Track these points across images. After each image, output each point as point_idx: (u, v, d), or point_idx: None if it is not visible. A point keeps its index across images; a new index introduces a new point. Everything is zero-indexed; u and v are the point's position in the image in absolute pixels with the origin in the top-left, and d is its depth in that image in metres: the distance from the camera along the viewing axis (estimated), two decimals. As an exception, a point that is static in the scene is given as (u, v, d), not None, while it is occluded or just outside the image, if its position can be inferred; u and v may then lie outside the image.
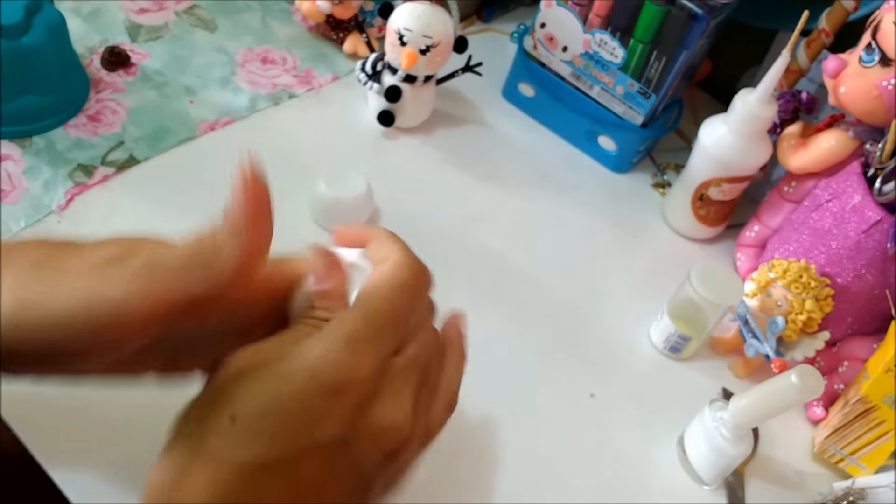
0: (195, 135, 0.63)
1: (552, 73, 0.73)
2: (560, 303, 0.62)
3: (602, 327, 0.62)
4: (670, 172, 0.76)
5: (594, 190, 0.72)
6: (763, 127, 0.63)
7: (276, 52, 0.72)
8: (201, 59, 0.69)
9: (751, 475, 0.56)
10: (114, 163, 0.59)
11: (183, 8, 0.73)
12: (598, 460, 0.54)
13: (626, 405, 0.57)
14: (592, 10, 0.67)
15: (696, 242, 0.71)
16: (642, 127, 0.71)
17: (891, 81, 0.55)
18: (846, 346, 0.62)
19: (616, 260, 0.67)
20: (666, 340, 0.60)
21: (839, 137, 0.61)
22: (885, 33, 0.55)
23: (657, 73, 0.67)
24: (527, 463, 0.52)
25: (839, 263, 0.59)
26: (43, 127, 0.59)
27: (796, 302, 0.57)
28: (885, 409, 0.53)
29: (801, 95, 0.66)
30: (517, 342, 0.59)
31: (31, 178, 0.56)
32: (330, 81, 0.72)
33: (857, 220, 0.58)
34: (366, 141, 0.69)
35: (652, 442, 0.56)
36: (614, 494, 0.52)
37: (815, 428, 0.60)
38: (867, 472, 0.56)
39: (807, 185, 0.64)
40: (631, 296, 0.65)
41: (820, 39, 0.66)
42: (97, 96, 0.63)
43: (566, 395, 0.57)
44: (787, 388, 0.47)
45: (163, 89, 0.65)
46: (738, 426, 0.51)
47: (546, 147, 0.74)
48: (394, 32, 0.64)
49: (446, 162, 0.69)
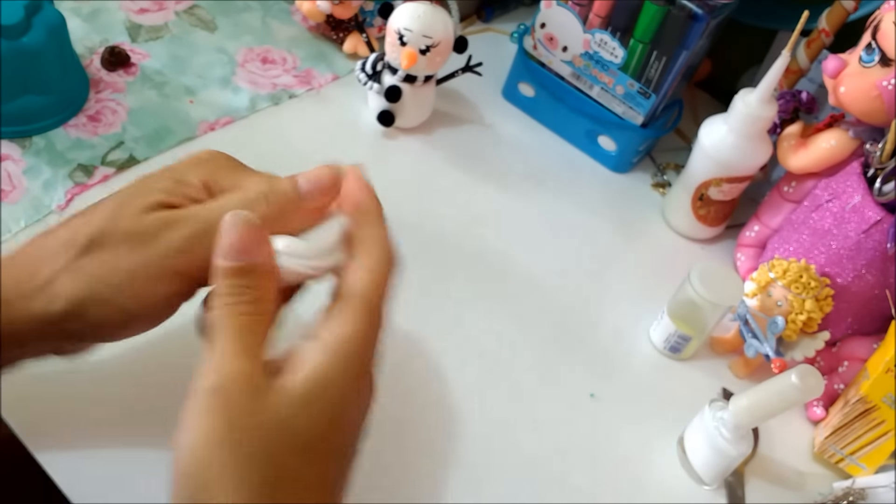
0: (195, 135, 0.63)
1: (552, 73, 0.73)
2: (560, 303, 0.62)
3: (602, 327, 0.62)
4: (670, 172, 0.76)
5: (594, 190, 0.72)
6: (763, 127, 0.63)
7: (276, 52, 0.72)
8: (201, 59, 0.69)
9: (751, 475, 0.56)
10: (114, 163, 0.59)
11: (183, 8, 0.73)
12: (598, 460, 0.54)
13: (626, 405, 0.57)
14: (592, 10, 0.67)
15: (696, 242, 0.71)
16: (642, 127, 0.71)
17: (891, 81, 0.55)
18: (846, 346, 0.62)
19: (616, 260, 0.67)
20: (666, 340, 0.60)
21: (839, 137, 0.61)
22: (884, 33, 0.55)
23: (657, 73, 0.67)
24: (526, 463, 0.52)
25: (839, 263, 0.59)
26: (43, 127, 0.59)
27: (796, 302, 0.57)
28: (885, 409, 0.53)
29: (801, 95, 0.66)
30: (517, 342, 0.59)
31: (31, 178, 0.56)
32: (330, 81, 0.72)
33: (857, 220, 0.58)
34: (366, 141, 0.69)
35: (652, 442, 0.56)
36: (614, 494, 0.52)
37: (815, 428, 0.60)
38: (867, 472, 0.56)
39: (807, 185, 0.64)
40: (631, 296, 0.65)
41: (820, 39, 0.66)
42: (97, 96, 0.63)
43: (566, 395, 0.57)
44: (787, 388, 0.47)
45: (163, 89, 0.65)
46: (738, 426, 0.51)
47: (546, 147, 0.74)
48: (394, 32, 0.64)
49: (446, 162, 0.69)
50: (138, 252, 0.36)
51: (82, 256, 0.36)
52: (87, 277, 0.36)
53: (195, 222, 0.37)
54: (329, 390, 0.33)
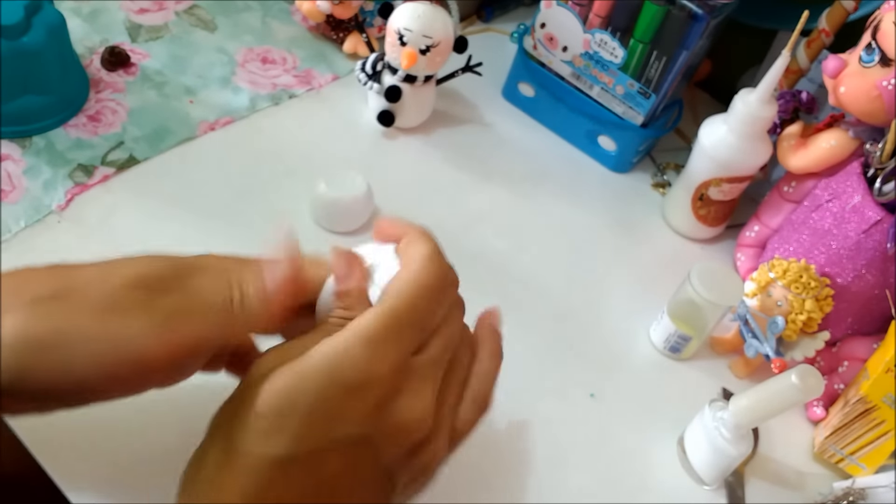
0: (195, 135, 0.63)
1: (552, 73, 0.73)
2: (560, 303, 0.62)
3: (602, 327, 0.62)
4: (670, 172, 0.76)
5: (594, 190, 0.72)
6: (763, 127, 0.63)
7: (276, 52, 0.72)
8: (201, 59, 0.69)
9: (751, 475, 0.56)
10: (114, 163, 0.59)
11: (183, 8, 0.73)
12: (598, 460, 0.54)
13: (626, 405, 0.57)
14: (592, 10, 0.67)
15: (696, 242, 0.71)
16: (642, 127, 0.71)
17: (891, 81, 0.55)
18: (846, 346, 0.62)
19: (616, 260, 0.67)
20: (666, 340, 0.60)
21: (839, 137, 0.61)
22: (885, 33, 0.55)
23: (657, 73, 0.67)
24: (526, 462, 0.52)
25: (839, 263, 0.59)
26: (43, 127, 0.59)
27: (796, 302, 0.57)
28: (885, 409, 0.53)
29: (801, 95, 0.66)
30: (517, 342, 0.58)
31: (31, 178, 0.56)
32: (330, 81, 0.72)
33: (857, 220, 0.58)
34: (366, 141, 0.69)
35: (652, 442, 0.56)
36: (614, 494, 0.52)
37: (815, 428, 0.60)
38: (867, 472, 0.56)
39: (807, 185, 0.64)
40: (631, 296, 0.65)
41: (820, 39, 0.66)
42: (97, 96, 0.63)
43: (566, 395, 0.57)
44: (787, 388, 0.47)
45: (163, 89, 0.65)
46: (738, 426, 0.51)
47: (546, 147, 0.74)
48: (394, 32, 0.64)
49: (446, 162, 0.69)
50: (108, 320, 0.33)
51: (48, 302, 0.33)
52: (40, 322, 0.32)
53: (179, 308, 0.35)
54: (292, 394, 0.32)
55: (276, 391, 0.32)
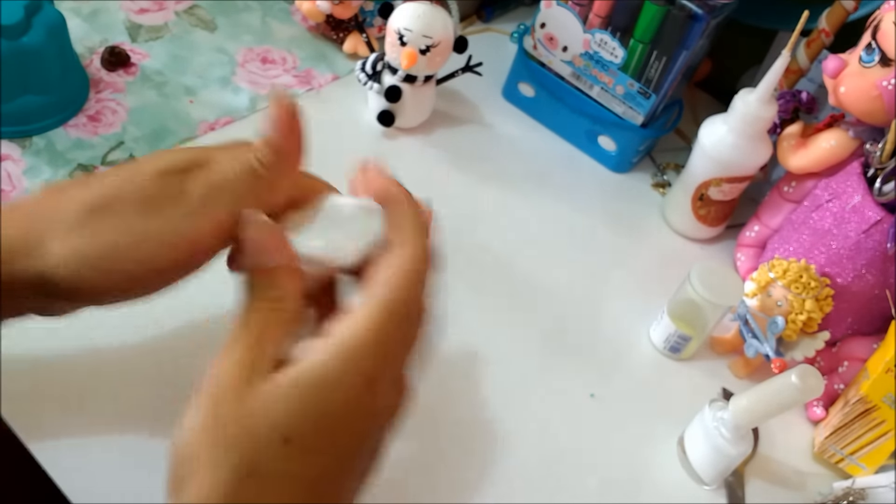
0: (195, 135, 0.63)
1: (552, 73, 0.73)
2: (560, 303, 0.62)
3: (602, 327, 0.62)
4: (670, 172, 0.76)
5: (594, 190, 0.72)
6: (763, 127, 0.63)
7: (276, 52, 0.72)
8: (201, 59, 0.69)
9: (751, 475, 0.56)
10: (114, 163, 0.59)
11: (183, 8, 0.73)
12: (598, 460, 0.54)
13: (626, 405, 0.57)
14: (592, 10, 0.67)
15: (696, 242, 0.71)
16: (642, 127, 0.71)
17: (891, 81, 0.55)
18: (846, 346, 0.61)
19: (616, 260, 0.67)
20: (666, 340, 0.60)
21: (839, 137, 0.61)
22: (885, 33, 0.55)
23: (657, 73, 0.67)
24: (526, 463, 0.52)
25: (839, 263, 0.59)
26: (43, 127, 0.59)
27: (796, 302, 0.57)
28: (885, 409, 0.53)
29: (801, 95, 0.66)
30: (517, 342, 0.59)
31: (31, 178, 0.56)
32: (330, 81, 0.72)
33: (857, 220, 0.58)
34: (366, 141, 0.69)
35: (652, 442, 0.56)
36: (614, 494, 0.52)
37: (815, 428, 0.60)
38: (867, 472, 0.56)
39: (807, 185, 0.64)
40: (631, 296, 0.65)
41: (820, 39, 0.66)
42: (97, 96, 0.63)
43: (566, 395, 0.57)
44: (787, 388, 0.47)
45: (163, 89, 0.65)
46: (738, 426, 0.51)
47: (546, 147, 0.74)
48: (394, 32, 0.64)
49: (446, 162, 0.69)
50: (151, 216, 0.35)
51: (90, 217, 0.35)
52: (91, 239, 0.35)
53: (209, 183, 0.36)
54: (322, 389, 0.32)
55: (303, 414, 0.32)
